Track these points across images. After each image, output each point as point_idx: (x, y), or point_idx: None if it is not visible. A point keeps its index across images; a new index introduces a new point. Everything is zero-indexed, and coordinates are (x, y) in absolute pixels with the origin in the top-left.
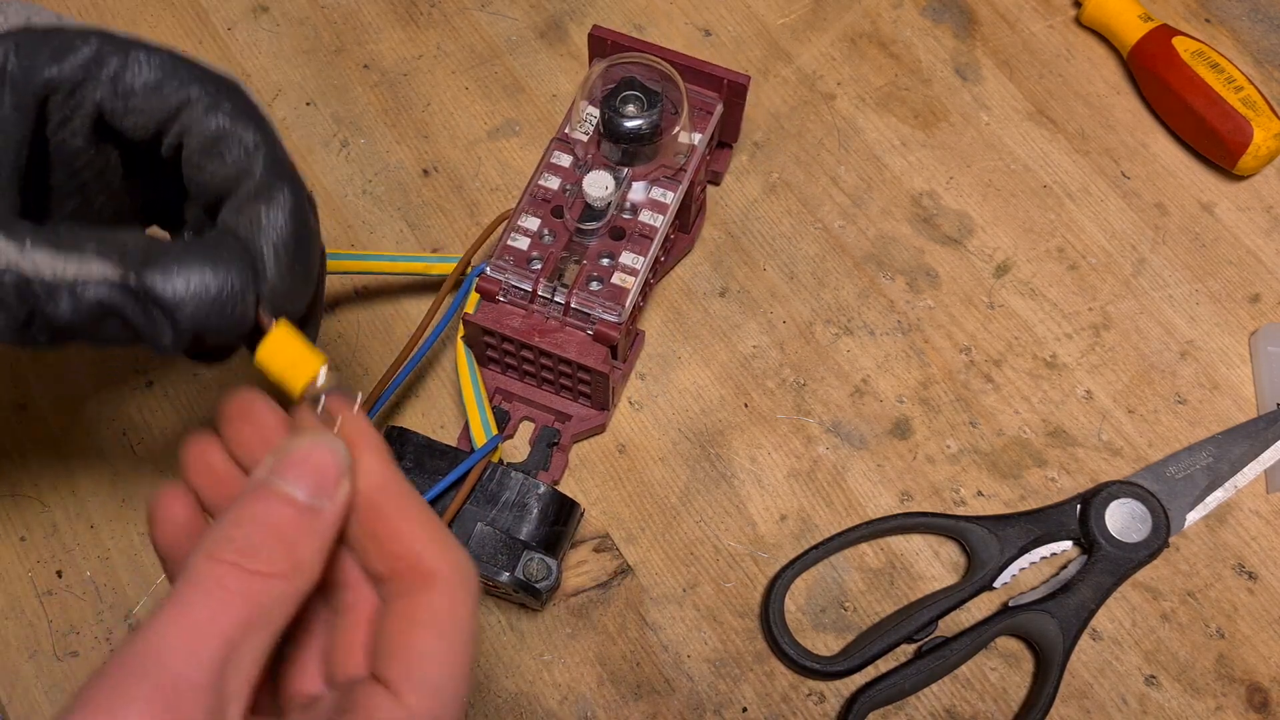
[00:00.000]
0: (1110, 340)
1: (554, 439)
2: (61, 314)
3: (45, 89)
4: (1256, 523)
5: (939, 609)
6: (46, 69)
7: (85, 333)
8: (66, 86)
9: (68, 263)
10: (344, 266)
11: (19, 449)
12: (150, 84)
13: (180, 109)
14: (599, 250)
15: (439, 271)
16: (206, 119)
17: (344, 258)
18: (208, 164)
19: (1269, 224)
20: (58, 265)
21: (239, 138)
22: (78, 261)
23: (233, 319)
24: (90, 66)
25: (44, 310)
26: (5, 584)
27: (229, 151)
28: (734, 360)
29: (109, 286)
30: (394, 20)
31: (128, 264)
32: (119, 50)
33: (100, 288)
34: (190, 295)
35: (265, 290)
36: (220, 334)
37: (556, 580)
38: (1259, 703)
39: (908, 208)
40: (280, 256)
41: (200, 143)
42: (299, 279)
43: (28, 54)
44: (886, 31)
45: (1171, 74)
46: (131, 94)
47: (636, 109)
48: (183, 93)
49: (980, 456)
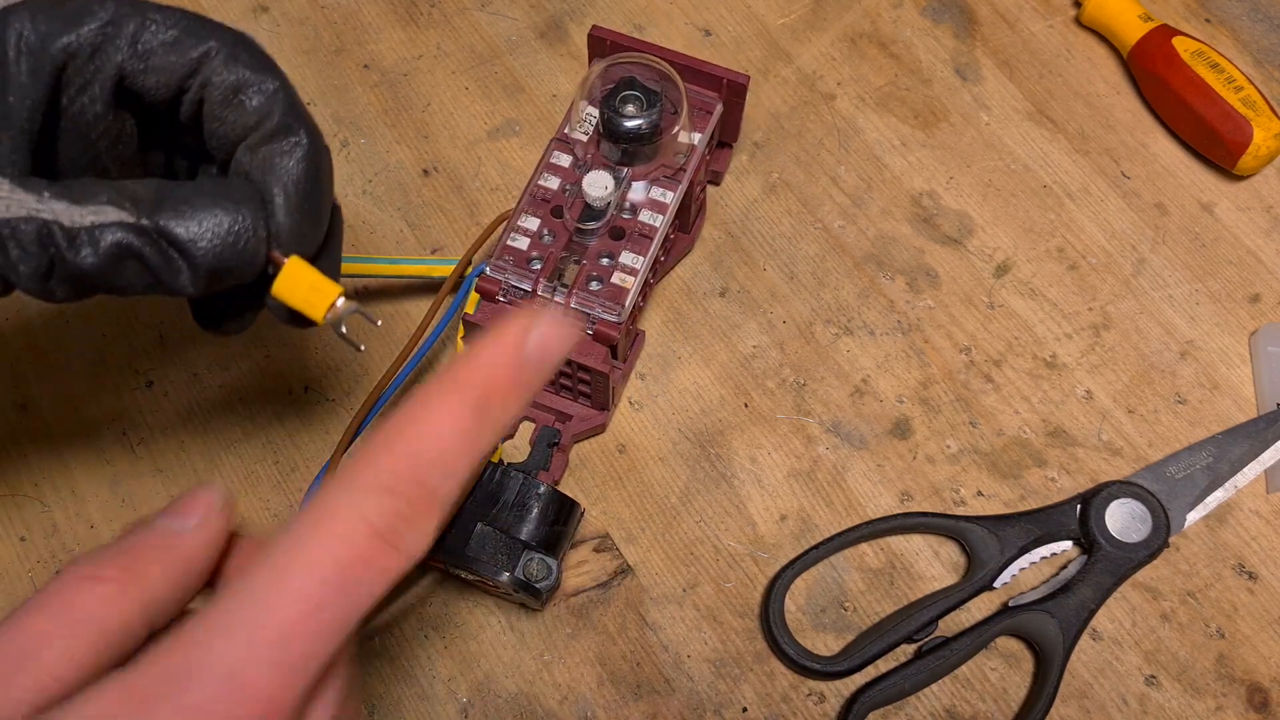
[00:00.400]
0: (1110, 340)
1: (554, 439)
2: (82, 259)
3: (63, 55)
4: (1256, 523)
5: (939, 609)
6: (64, 35)
7: (105, 279)
8: (86, 51)
9: (84, 209)
10: (343, 270)
11: (19, 449)
12: (168, 41)
13: (200, 63)
14: (599, 250)
15: (439, 274)
16: (226, 70)
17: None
18: (228, 114)
19: (1269, 224)
20: (75, 213)
21: (257, 85)
22: (94, 208)
23: (246, 255)
24: (108, 29)
25: (64, 257)
26: (5, 584)
27: (249, 100)
28: (734, 360)
29: (125, 229)
30: (394, 20)
31: (141, 208)
32: (135, 12)
33: (117, 231)
34: (203, 233)
35: (276, 228)
36: (235, 271)
37: (556, 580)
38: (1259, 703)
39: (908, 208)
40: (290, 196)
41: (221, 94)
42: (309, 219)
43: (45, 21)
44: (886, 31)
45: (1171, 74)
46: (151, 53)
47: (636, 109)
48: (201, 47)
49: (980, 456)
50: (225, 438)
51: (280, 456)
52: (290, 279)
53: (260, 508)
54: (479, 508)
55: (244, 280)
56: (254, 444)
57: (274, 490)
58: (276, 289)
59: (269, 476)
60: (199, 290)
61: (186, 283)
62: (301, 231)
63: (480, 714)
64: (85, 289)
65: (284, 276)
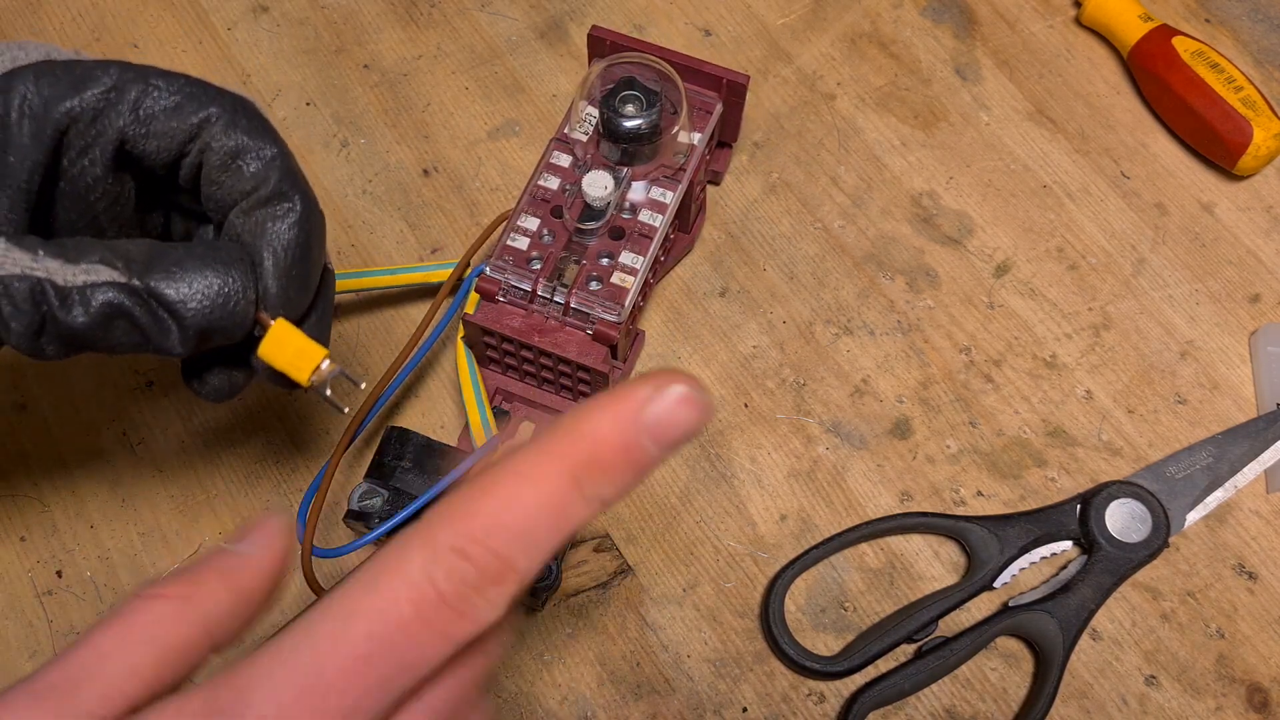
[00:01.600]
0: (1110, 340)
1: None
2: (73, 318)
3: (66, 119)
4: (1256, 523)
5: (939, 609)
6: (67, 100)
7: (95, 338)
8: (88, 116)
9: (77, 269)
10: (342, 286)
11: (19, 449)
12: (170, 107)
13: (200, 128)
14: (598, 250)
15: (438, 279)
16: (225, 136)
17: (342, 277)
18: (225, 178)
19: (1269, 224)
20: (68, 271)
21: (255, 151)
22: (86, 266)
23: (234, 317)
24: (111, 95)
25: (56, 316)
26: (5, 584)
27: (247, 165)
28: (734, 360)
29: (116, 289)
30: (394, 20)
31: (134, 268)
32: (139, 78)
33: (108, 291)
34: (193, 294)
35: (264, 291)
36: (223, 332)
37: (556, 580)
38: (1259, 703)
39: (908, 208)
40: (280, 261)
41: (219, 159)
42: (296, 284)
43: (49, 85)
44: (886, 31)
45: (1171, 74)
46: (153, 118)
47: (636, 109)
48: (202, 113)
49: (980, 456)
50: (225, 438)
51: (280, 456)
52: (276, 341)
53: (260, 508)
54: None
55: (232, 341)
56: (254, 444)
57: (274, 490)
58: (262, 351)
59: (269, 476)
60: (187, 350)
61: (175, 343)
62: (289, 296)
63: None
64: (75, 347)
65: (270, 339)
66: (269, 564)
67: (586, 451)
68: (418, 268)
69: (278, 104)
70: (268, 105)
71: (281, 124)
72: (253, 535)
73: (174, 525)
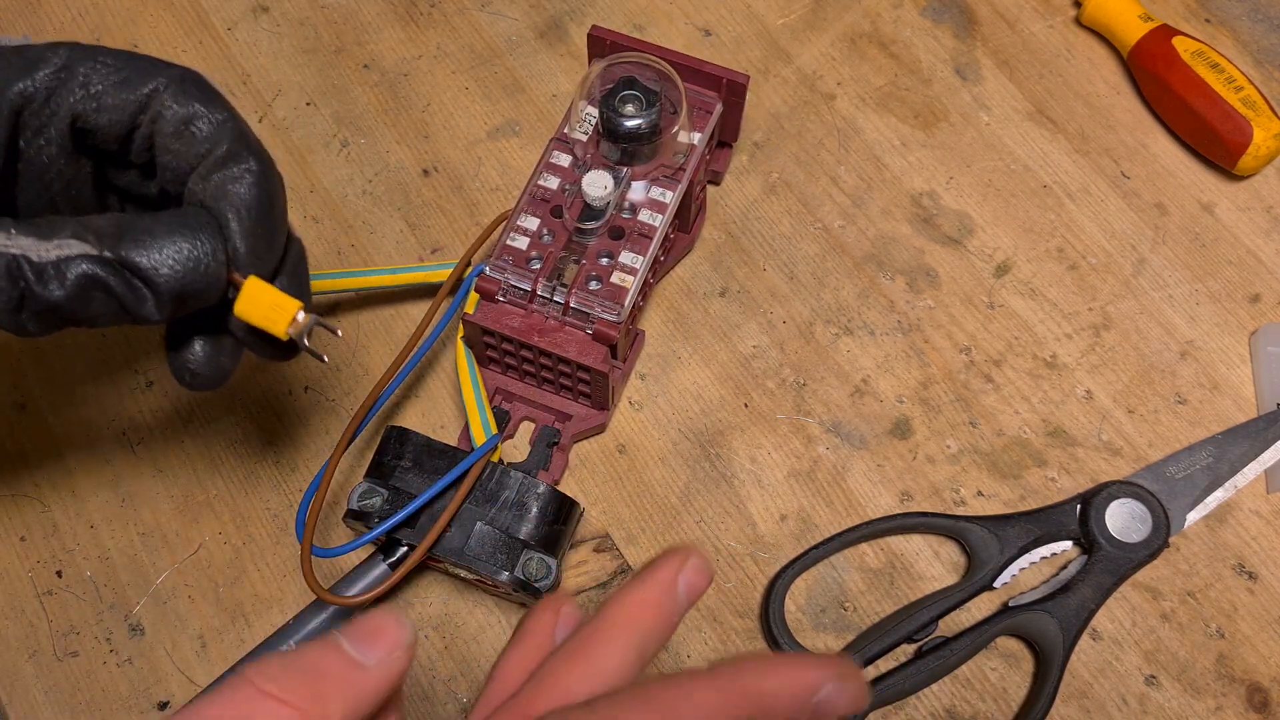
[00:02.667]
0: (1110, 340)
1: (554, 439)
2: (51, 292)
3: (20, 100)
4: (1256, 523)
5: (939, 609)
6: (19, 81)
7: (74, 311)
8: (41, 95)
9: (50, 244)
10: (343, 285)
11: (19, 449)
12: (119, 80)
13: (150, 98)
14: (598, 250)
15: (438, 279)
16: (175, 104)
17: (342, 276)
18: (179, 145)
19: (1269, 224)
20: (41, 248)
21: (206, 116)
22: (59, 242)
23: (207, 279)
24: (61, 75)
25: (34, 291)
26: (5, 584)
27: (199, 129)
28: (734, 360)
29: (90, 261)
30: (394, 20)
31: (104, 240)
32: (87, 56)
33: (83, 263)
34: (165, 260)
35: (233, 251)
36: (198, 295)
37: (556, 580)
38: (1259, 703)
39: (908, 208)
40: (244, 220)
41: (171, 127)
42: (264, 240)
43: (1, 69)
44: (886, 31)
45: (1171, 74)
46: (103, 93)
47: (635, 108)
48: (150, 84)
49: (980, 456)
50: (225, 438)
51: (280, 456)
52: (251, 298)
53: (260, 508)
54: (479, 507)
55: (208, 304)
56: (254, 444)
57: (274, 490)
58: (238, 309)
59: (269, 476)
60: (164, 316)
61: (152, 310)
62: (257, 253)
63: None
64: (55, 321)
65: (244, 296)
66: (390, 679)
67: (641, 622)
68: (418, 268)
69: (278, 104)
70: (268, 105)
71: (281, 124)
72: (376, 643)
73: (174, 525)
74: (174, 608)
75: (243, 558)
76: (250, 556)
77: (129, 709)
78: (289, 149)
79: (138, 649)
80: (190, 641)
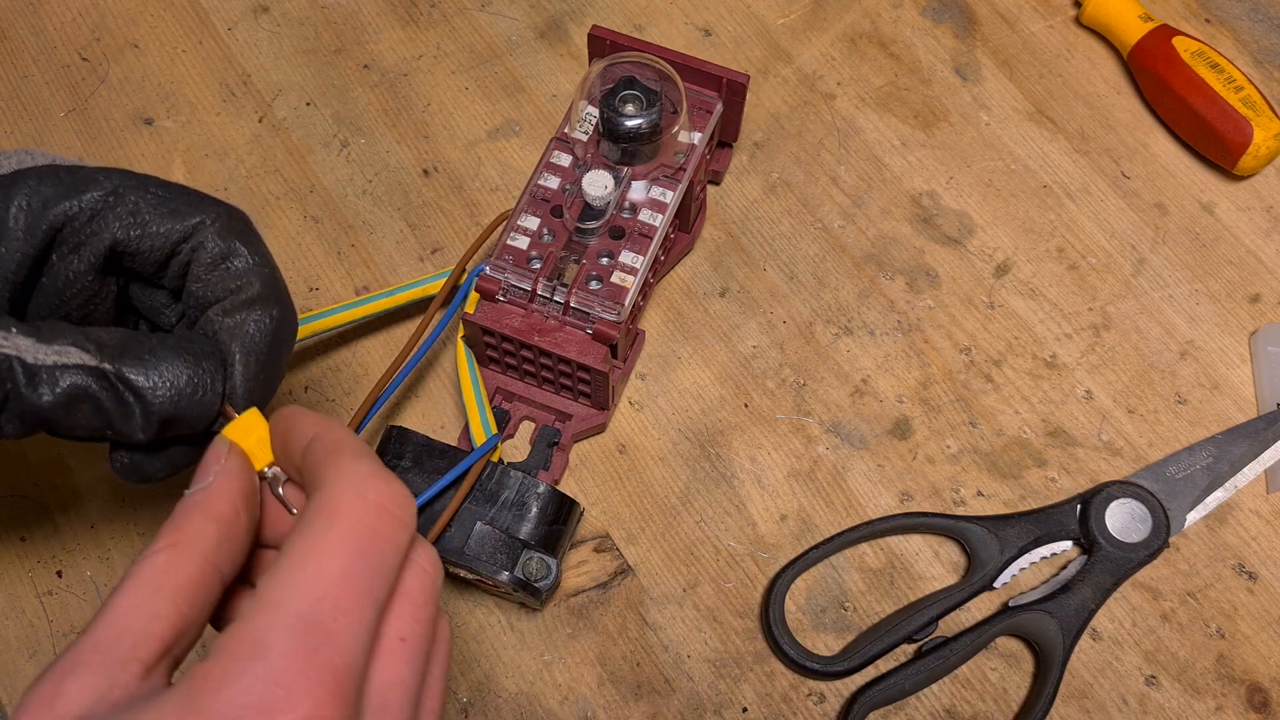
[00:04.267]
0: (1110, 340)
1: (554, 439)
2: (38, 397)
3: (62, 217)
4: (1256, 523)
5: (939, 609)
6: (65, 200)
7: (57, 419)
8: (84, 216)
9: (49, 349)
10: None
11: (19, 449)
12: (167, 211)
13: (195, 230)
14: (598, 249)
15: (435, 292)
16: (219, 238)
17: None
18: (213, 277)
19: (1269, 224)
20: (39, 350)
21: (245, 256)
22: (58, 348)
23: (200, 407)
24: (110, 198)
25: (21, 393)
26: (5, 584)
27: (234, 266)
28: (734, 360)
29: (85, 372)
30: (394, 20)
31: (106, 352)
32: (139, 185)
33: (77, 373)
34: (162, 382)
35: (231, 387)
36: (187, 422)
37: (556, 579)
38: (1259, 703)
39: (908, 208)
40: (250, 361)
41: (210, 257)
42: (265, 385)
43: (51, 185)
44: (886, 31)
45: (1171, 74)
46: (150, 221)
47: (636, 108)
48: (197, 216)
49: (980, 456)
50: None
51: None
52: (242, 427)
53: None
54: (478, 507)
55: (193, 430)
56: None
57: None
58: (227, 432)
59: None
60: (148, 436)
61: (138, 428)
62: (254, 394)
63: (480, 714)
64: (34, 426)
65: (237, 423)
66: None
67: None
68: (416, 283)
69: (278, 104)
70: (268, 105)
71: (281, 124)
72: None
73: None
74: None
75: None
76: None
77: None
78: (289, 149)
79: None
80: None
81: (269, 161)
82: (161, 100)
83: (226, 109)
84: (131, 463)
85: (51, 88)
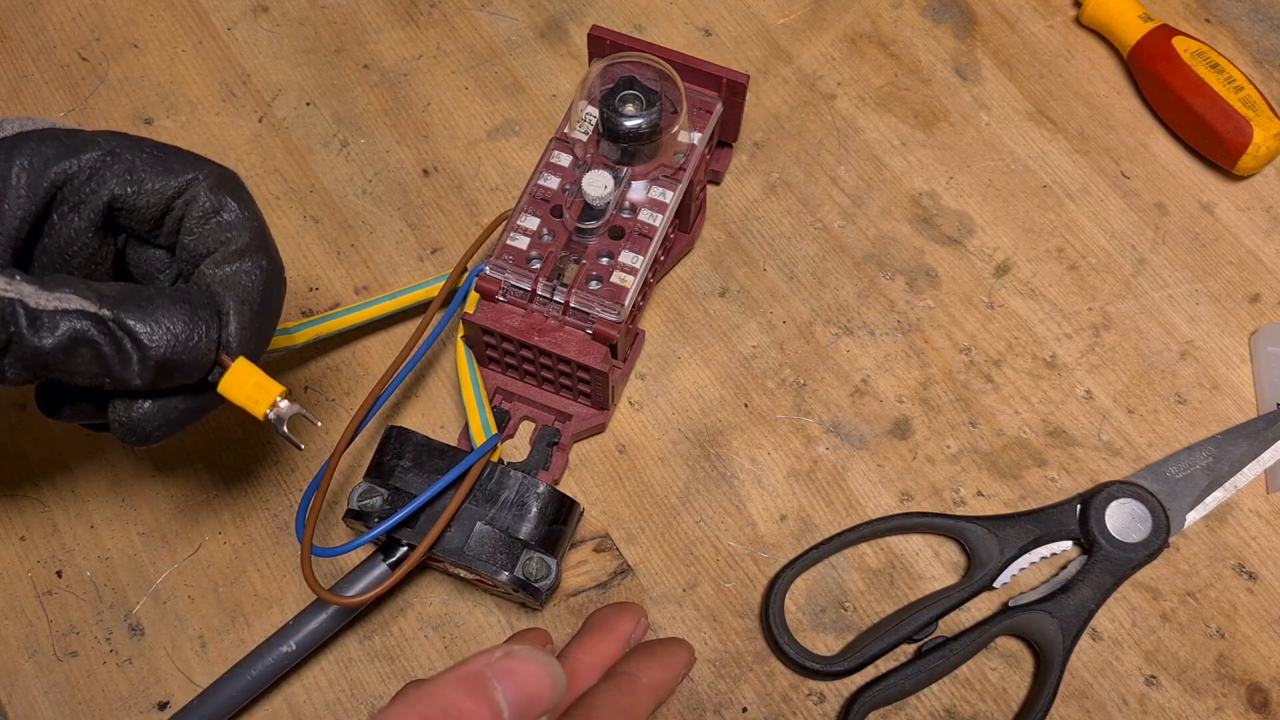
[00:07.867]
0: (1110, 340)
1: (554, 438)
2: (40, 340)
3: (62, 176)
4: (1256, 523)
5: (939, 609)
6: (65, 160)
7: (57, 362)
8: (84, 175)
9: (50, 295)
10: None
11: (19, 449)
12: (161, 169)
13: (188, 185)
14: (598, 249)
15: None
16: (211, 194)
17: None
18: (205, 230)
19: (1269, 224)
20: (41, 296)
21: (235, 210)
22: (60, 294)
23: (195, 355)
24: (107, 159)
25: (23, 336)
26: (5, 584)
27: (224, 219)
28: (734, 360)
29: (85, 317)
30: (394, 20)
31: (106, 301)
32: (133, 145)
33: (78, 318)
34: (160, 329)
35: (227, 337)
36: (184, 369)
37: (556, 579)
38: (1259, 703)
39: (908, 208)
40: (244, 311)
41: (202, 211)
42: (258, 335)
43: (51, 146)
44: (886, 31)
45: (1171, 74)
46: (145, 178)
47: (635, 108)
48: (190, 173)
49: (980, 456)
50: (225, 438)
51: (280, 457)
52: (236, 378)
53: (260, 508)
54: (478, 507)
55: (189, 380)
56: (254, 444)
57: (274, 490)
58: (222, 387)
59: (269, 476)
60: (145, 383)
61: (135, 374)
62: (248, 343)
63: None
64: (36, 371)
65: (230, 376)
66: None
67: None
68: (417, 286)
69: (278, 104)
70: (268, 105)
71: (281, 124)
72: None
73: (174, 525)
74: (174, 608)
75: (242, 558)
76: (250, 556)
77: (129, 709)
78: (289, 149)
79: (137, 649)
80: (190, 641)
81: (269, 161)
82: (161, 100)
83: (226, 109)
84: (130, 421)
85: (51, 87)
